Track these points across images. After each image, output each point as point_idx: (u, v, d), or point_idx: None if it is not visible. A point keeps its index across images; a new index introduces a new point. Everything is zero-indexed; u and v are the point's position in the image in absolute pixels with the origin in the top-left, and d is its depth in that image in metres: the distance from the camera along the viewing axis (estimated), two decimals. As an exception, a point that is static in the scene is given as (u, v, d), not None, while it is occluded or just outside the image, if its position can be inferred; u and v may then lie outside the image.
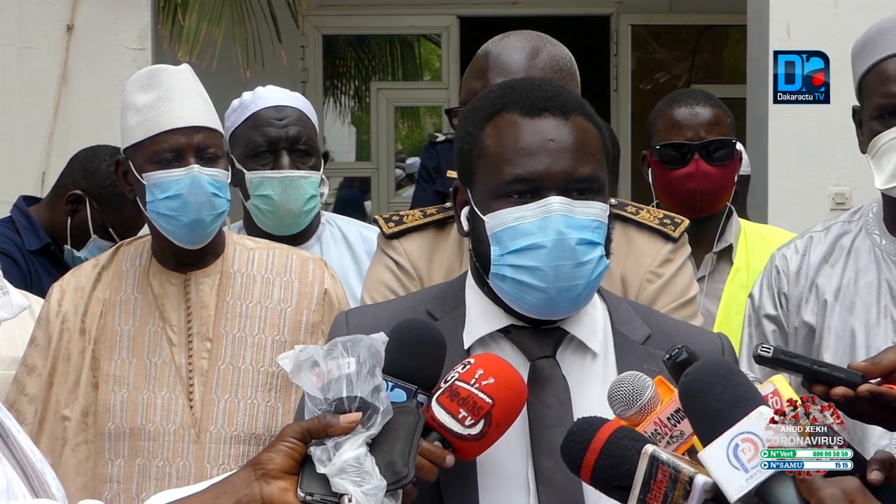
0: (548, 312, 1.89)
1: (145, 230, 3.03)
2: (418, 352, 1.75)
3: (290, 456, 1.63)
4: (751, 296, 2.84)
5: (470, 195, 1.95)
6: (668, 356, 1.71)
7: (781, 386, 1.68)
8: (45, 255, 3.71)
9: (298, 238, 3.42)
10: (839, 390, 1.94)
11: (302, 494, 1.61)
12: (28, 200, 3.90)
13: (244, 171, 3.35)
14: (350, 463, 1.60)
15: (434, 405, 1.72)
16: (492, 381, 1.72)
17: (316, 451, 1.63)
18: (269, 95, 3.44)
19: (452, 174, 6.85)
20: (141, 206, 2.81)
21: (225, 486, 1.64)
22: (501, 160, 1.89)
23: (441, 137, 6.25)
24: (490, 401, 1.71)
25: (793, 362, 1.93)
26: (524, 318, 1.93)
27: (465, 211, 1.97)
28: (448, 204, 2.72)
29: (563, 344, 1.93)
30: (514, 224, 1.86)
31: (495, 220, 1.88)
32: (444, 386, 1.74)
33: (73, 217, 3.74)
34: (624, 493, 1.60)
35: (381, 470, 1.61)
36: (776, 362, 1.92)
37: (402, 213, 2.71)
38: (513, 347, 1.93)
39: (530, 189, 1.87)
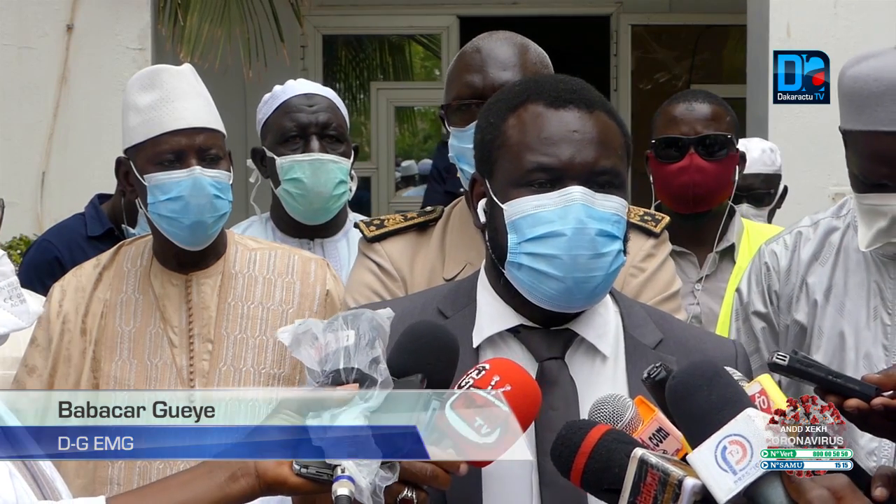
0: (564, 304, 1.88)
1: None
2: (433, 356, 1.71)
3: None
4: (738, 290, 2.83)
5: (488, 185, 1.94)
6: (646, 375, 1.71)
7: (768, 385, 1.68)
8: (109, 239, 3.90)
9: (325, 230, 3.46)
10: (853, 402, 1.94)
11: (297, 467, 1.59)
12: (102, 198, 4.26)
13: (275, 157, 3.39)
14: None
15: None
16: (508, 388, 1.67)
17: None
18: (299, 86, 3.49)
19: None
20: (142, 207, 2.81)
21: (219, 460, 1.63)
22: (524, 149, 1.88)
23: None
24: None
25: (808, 371, 1.92)
26: (534, 318, 1.92)
27: (482, 203, 1.96)
28: (429, 208, 2.75)
29: (572, 346, 1.92)
30: (534, 211, 1.85)
31: (514, 208, 1.87)
32: (458, 392, 1.69)
33: (124, 196, 3.89)
34: (614, 496, 1.60)
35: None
36: (791, 371, 1.92)
37: (382, 217, 2.74)
38: (522, 347, 1.92)
39: (552, 178, 1.86)
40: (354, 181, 3.50)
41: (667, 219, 2.73)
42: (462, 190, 2.61)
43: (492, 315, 1.94)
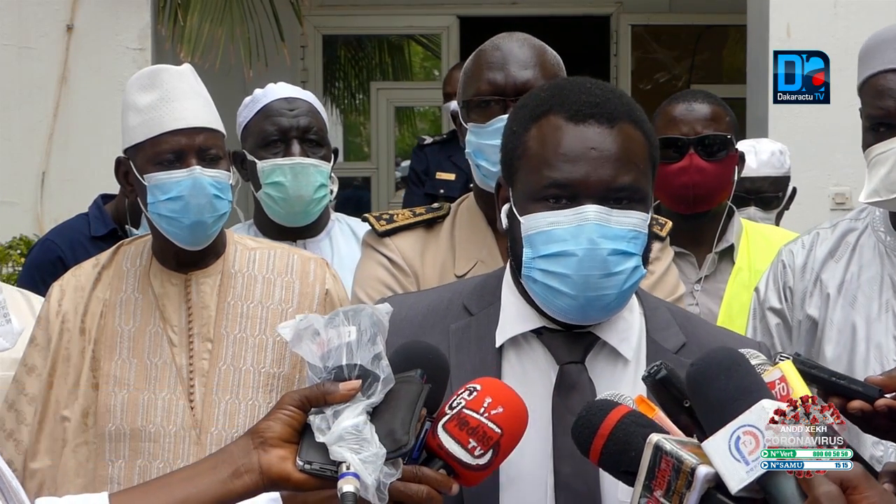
0: (578, 318, 1.88)
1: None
2: (426, 376, 1.71)
3: (289, 424, 1.62)
4: (756, 289, 2.86)
5: (511, 193, 1.94)
6: (647, 374, 1.71)
7: (788, 372, 1.69)
8: (112, 239, 3.89)
9: (308, 231, 3.47)
10: (856, 404, 1.95)
11: (301, 463, 1.60)
12: (105, 198, 4.28)
13: (256, 161, 3.39)
14: (349, 430, 1.58)
15: (441, 433, 1.68)
16: (500, 410, 1.68)
17: (315, 420, 1.61)
18: (279, 89, 3.50)
19: (441, 176, 6.87)
20: (142, 206, 2.81)
21: (223, 456, 1.63)
22: (542, 163, 1.87)
23: (429, 140, 6.26)
24: (499, 431, 1.67)
25: (811, 373, 1.93)
26: (556, 320, 1.91)
27: (505, 208, 1.96)
28: (436, 204, 2.76)
29: (594, 349, 1.92)
30: (547, 229, 1.85)
31: (530, 223, 1.87)
32: (450, 413, 1.69)
33: (128, 198, 3.92)
34: (631, 478, 1.61)
35: (381, 438, 1.59)
36: None
37: (391, 212, 2.75)
38: (543, 350, 1.92)
39: (568, 195, 1.85)
40: (335, 183, 3.52)
41: (670, 224, 2.77)
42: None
43: (515, 315, 1.94)
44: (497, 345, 1.92)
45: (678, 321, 1.99)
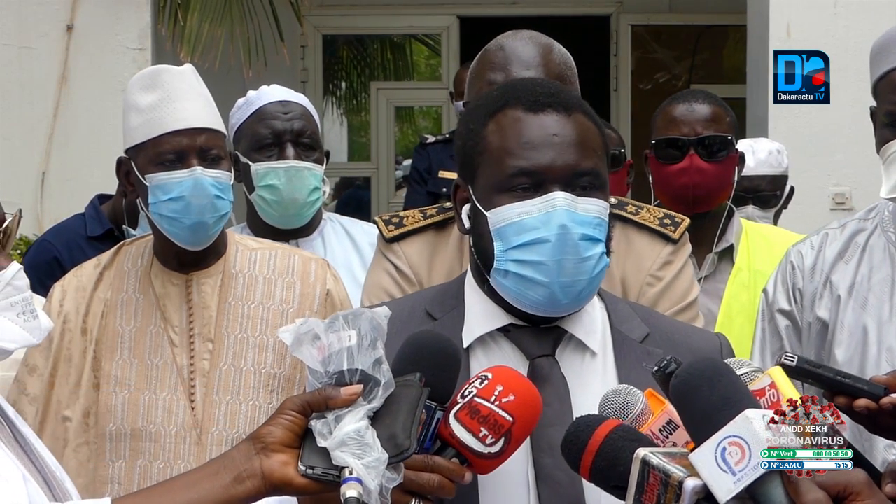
0: (550, 309, 1.89)
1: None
2: (436, 366, 1.72)
3: (291, 429, 1.63)
4: (765, 291, 2.84)
5: (471, 191, 1.95)
6: (656, 368, 1.72)
7: (778, 378, 1.69)
8: (109, 240, 3.95)
9: (301, 232, 3.48)
10: (862, 402, 1.95)
11: (302, 468, 1.60)
12: (102, 198, 4.31)
13: (250, 163, 3.39)
14: (351, 436, 1.59)
15: (453, 422, 1.69)
16: (512, 398, 1.69)
17: (317, 425, 1.62)
18: (273, 92, 3.50)
19: (444, 175, 6.83)
20: (143, 207, 2.81)
21: (224, 461, 1.64)
22: (505, 154, 1.90)
23: (431, 139, 6.27)
24: (511, 419, 1.69)
25: (816, 373, 1.93)
26: (523, 317, 1.93)
27: (465, 208, 1.97)
28: (448, 204, 2.73)
29: (561, 343, 1.94)
30: (517, 219, 1.87)
31: (498, 216, 1.89)
32: (461, 402, 1.70)
33: (125, 197, 3.95)
34: (622, 492, 1.61)
35: (383, 443, 1.60)
36: (800, 372, 1.93)
37: (401, 214, 2.72)
38: (512, 346, 1.94)
39: (534, 182, 1.88)
40: (327, 184, 3.53)
41: (686, 221, 2.70)
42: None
43: (481, 315, 1.96)
44: (464, 346, 1.93)
45: (639, 314, 2.03)
